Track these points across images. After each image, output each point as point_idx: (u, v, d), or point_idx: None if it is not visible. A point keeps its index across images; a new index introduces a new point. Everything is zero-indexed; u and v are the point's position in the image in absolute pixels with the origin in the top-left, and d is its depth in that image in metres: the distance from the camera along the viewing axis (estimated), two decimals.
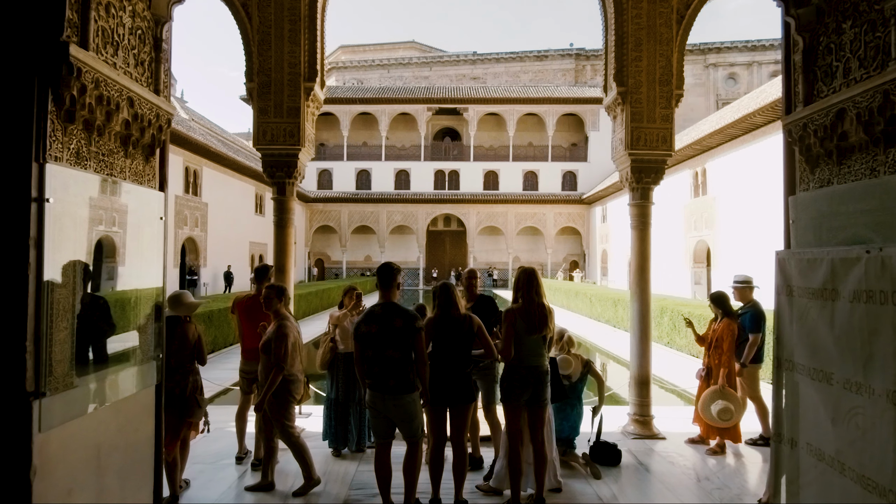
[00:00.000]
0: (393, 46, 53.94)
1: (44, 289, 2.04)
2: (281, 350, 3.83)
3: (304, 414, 6.19)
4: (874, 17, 2.56)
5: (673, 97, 5.60)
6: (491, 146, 37.35)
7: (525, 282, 3.70)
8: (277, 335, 3.87)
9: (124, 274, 2.72)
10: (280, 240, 5.66)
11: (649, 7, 5.49)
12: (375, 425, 3.58)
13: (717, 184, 18.65)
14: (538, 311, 3.64)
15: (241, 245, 25.41)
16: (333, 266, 36.67)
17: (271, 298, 4.01)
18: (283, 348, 3.83)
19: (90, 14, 2.36)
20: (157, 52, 3.00)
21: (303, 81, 5.49)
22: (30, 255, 2.00)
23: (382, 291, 3.56)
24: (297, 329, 4.08)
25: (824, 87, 2.94)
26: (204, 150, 20.25)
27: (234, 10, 5.39)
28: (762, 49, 40.83)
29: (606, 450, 4.69)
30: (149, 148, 2.97)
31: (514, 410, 3.66)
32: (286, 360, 3.85)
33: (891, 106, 2.39)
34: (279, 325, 3.92)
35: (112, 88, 2.49)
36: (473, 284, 4.74)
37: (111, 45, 2.57)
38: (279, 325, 3.92)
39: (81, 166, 2.39)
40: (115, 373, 2.59)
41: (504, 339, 3.63)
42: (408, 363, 3.43)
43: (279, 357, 3.82)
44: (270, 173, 5.64)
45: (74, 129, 2.34)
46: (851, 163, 2.73)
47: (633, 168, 5.70)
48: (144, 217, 2.86)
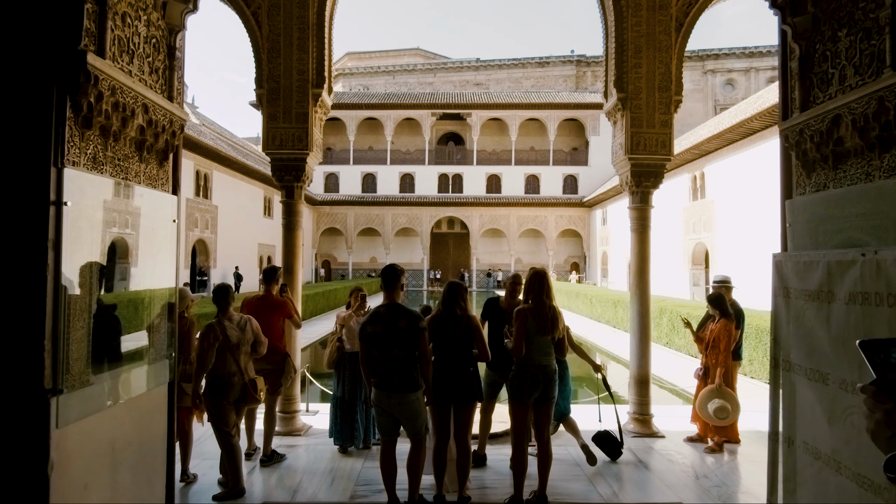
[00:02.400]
0: (398, 53, 54.04)
1: (61, 289, 2.07)
2: (198, 350, 3.81)
3: (311, 412, 6.21)
4: (869, 25, 2.56)
5: (672, 103, 5.60)
6: (494, 150, 37.35)
7: (536, 284, 3.69)
8: (200, 335, 3.86)
9: (138, 275, 2.74)
10: (288, 241, 5.68)
11: (649, 15, 5.50)
12: (380, 423, 3.59)
13: (715, 187, 18.59)
14: (549, 312, 3.64)
15: (249, 247, 25.48)
16: (340, 267, 36.71)
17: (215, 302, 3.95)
18: (200, 348, 3.79)
19: (107, 24, 2.39)
20: (170, 59, 3.03)
21: (311, 88, 5.51)
22: (48, 257, 2.02)
23: (387, 293, 3.57)
24: (234, 328, 3.90)
25: (820, 93, 2.94)
26: (214, 155, 20.33)
27: (245, 18, 5.43)
28: (759, 56, 40.69)
29: (610, 441, 4.66)
30: (162, 153, 2.99)
31: (522, 408, 3.65)
32: (198, 359, 3.78)
33: (885, 112, 2.39)
34: (206, 325, 3.87)
35: (128, 95, 2.52)
36: (517, 290, 4.51)
37: (127, 54, 2.60)
38: (205, 326, 3.86)
39: (98, 171, 2.42)
40: (129, 371, 2.61)
41: (516, 338, 3.63)
42: (412, 362, 3.43)
43: (196, 356, 3.82)
44: (279, 177, 5.67)
45: (91, 135, 2.36)
46: (847, 167, 2.73)
47: (633, 172, 5.70)
48: (158, 220, 2.89)
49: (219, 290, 3.95)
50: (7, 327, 1.99)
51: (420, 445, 3.55)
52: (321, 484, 4.14)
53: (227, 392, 3.83)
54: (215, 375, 3.82)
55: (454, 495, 3.70)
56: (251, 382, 3.94)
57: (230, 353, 3.84)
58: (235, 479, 3.86)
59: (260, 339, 4.04)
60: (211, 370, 3.80)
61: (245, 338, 3.93)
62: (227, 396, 3.83)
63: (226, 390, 3.83)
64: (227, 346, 3.82)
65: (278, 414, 5.10)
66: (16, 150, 2.05)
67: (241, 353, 3.89)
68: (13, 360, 1.99)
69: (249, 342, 3.97)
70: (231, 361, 3.84)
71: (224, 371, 3.82)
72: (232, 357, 3.84)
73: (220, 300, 3.92)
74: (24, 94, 2.07)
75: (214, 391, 3.82)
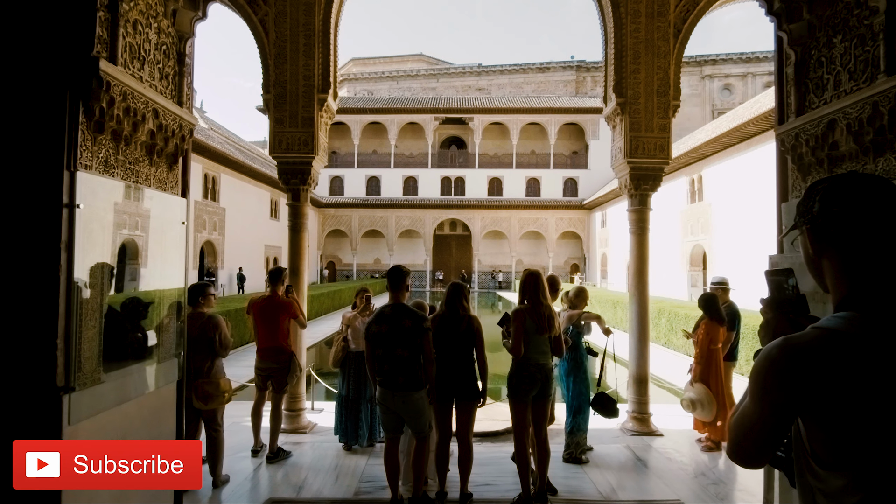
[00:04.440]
0: (402, 59, 54.09)
1: (73, 289, 2.08)
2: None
3: (317, 410, 6.21)
4: (863, 31, 2.56)
5: (670, 107, 5.60)
6: (495, 154, 37.37)
7: (532, 284, 3.70)
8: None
9: (148, 275, 2.75)
10: (294, 243, 5.70)
11: (647, 22, 5.50)
12: (385, 421, 3.59)
13: (712, 190, 18.56)
14: (545, 311, 3.65)
15: (256, 248, 25.53)
16: (344, 268, 36.74)
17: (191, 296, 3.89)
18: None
19: (119, 31, 2.41)
20: (180, 66, 3.04)
21: (316, 93, 5.53)
22: (61, 258, 2.04)
23: (392, 293, 3.58)
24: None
25: (815, 98, 2.94)
26: (222, 158, 20.39)
27: (252, 25, 5.45)
28: (756, 61, 40.60)
29: (606, 402, 4.56)
30: (172, 156, 3.01)
31: (521, 406, 3.65)
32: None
33: (880, 117, 2.39)
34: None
35: (139, 101, 2.53)
36: (554, 291, 4.29)
37: (138, 60, 2.61)
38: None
39: (109, 174, 2.43)
40: (139, 369, 2.62)
41: (514, 338, 3.63)
42: (416, 361, 3.44)
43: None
44: (285, 180, 5.68)
45: (103, 139, 2.37)
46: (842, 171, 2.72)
47: (632, 175, 5.70)
48: (167, 221, 2.90)
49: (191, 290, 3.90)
50: (21, 326, 2.00)
51: (424, 443, 3.55)
52: (326, 480, 4.14)
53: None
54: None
55: (457, 491, 3.70)
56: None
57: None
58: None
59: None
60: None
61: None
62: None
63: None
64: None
65: (284, 412, 5.11)
66: (30, 153, 2.07)
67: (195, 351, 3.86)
68: (27, 358, 2.00)
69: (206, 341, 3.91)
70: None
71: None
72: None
73: (196, 297, 3.95)
74: (38, 99, 2.09)
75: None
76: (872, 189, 0.96)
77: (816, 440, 0.91)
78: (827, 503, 0.91)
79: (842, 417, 0.87)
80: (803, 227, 1.05)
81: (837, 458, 0.88)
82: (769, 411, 0.94)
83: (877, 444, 0.84)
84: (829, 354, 0.88)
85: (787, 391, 0.91)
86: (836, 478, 0.88)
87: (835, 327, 0.92)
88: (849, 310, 0.94)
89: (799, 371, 0.89)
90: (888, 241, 0.95)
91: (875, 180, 0.98)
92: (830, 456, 0.89)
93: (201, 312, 3.94)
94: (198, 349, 3.81)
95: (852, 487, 0.86)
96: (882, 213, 0.94)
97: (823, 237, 1.00)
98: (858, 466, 0.86)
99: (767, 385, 0.93)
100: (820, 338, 0.91)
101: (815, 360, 0.89)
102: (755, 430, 0.97)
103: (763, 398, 0.94)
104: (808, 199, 1.04)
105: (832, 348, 0.89)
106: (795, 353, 0.91)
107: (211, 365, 3.91)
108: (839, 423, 0.87)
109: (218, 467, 3.96)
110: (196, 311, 3.92)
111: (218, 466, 3.96)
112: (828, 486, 0.90)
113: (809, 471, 0.94)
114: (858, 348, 0.88)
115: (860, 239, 0.96)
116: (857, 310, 0.93)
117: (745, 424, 0.99)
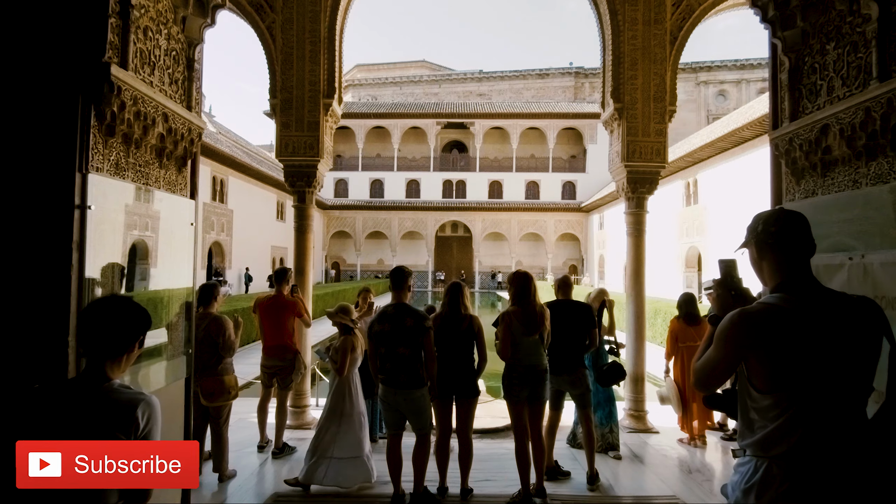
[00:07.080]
0: (405, 65, 54.14)
1: (85, 288, 2.08)
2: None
3: (321, 406, 6.19)
4: (856, 38, 2.55)
5: (666, 113, 5.59)
6: (496, 158, 37.36)
7: (521, 286, 3.67)
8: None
9: (157, 275, 2.75)
10: (300, 244, 5.69)
11: (644, 29, 5.50)
12: (387, 418, 3.59)
13: (707, 194, 18.53)
14: (534, 309, 3.63)
15: (263, 249, 25.55)
16: (349, 269, 36.76)
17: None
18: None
19: (130, 37, 2.40)
20: (189, 71, 3.04)
21: (322, 98, 5.53)
22: (72, 258, 2.04)
23: (395, 293, 3.57)
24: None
25: (809, 104, 2.93)
26: (230, 161, 20.42)
27: (260, 32, 5.46)
28: (750, 67, 40.54)
29: (614, 369, 4.41)
30: (181, 159, 3.00)
31: (516, 407, 3.64)
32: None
33: (872, 122, 2.38)
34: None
35: (149, 105, 2.53)
36: (567, 291, 4.31)
37: (148, 66, 2.61)
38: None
39: (120, 176, 2.43)
40: (148, 366, 2.62)
41: (501, 342, 3.62)
42: (418, 360, 3.43)
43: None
44: (292, 182, 5.69)
45: (114, 142, 2.37)
46: (835, 175, 2.72)
47: (629, 179, 5.69)
48: (176, 223, 2.90)
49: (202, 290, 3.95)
50: (33, 324, 2.00)
51: (425, 439, 3.54)
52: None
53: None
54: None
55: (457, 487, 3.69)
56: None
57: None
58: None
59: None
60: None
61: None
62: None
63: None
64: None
65: (289, 408, 5.11)
66: (43, 156, 2.07)
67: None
68: (39, 355, 2.00)
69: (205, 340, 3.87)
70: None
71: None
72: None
73: (207, 298, 3.98)
74: (51, 103, 2.09)
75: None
76: (794, 219, 1.47)
77: (756, 375, 1.37)
78: (758, 417, 1.37)
79: (777, 359, 1.33)
80: (751, 241, 1.52)
81: (768, 386, 1.35)
82: (731, 356, 1.41)
83: (796, 375, 1.32)
84: (772, 319, 1.36)
85: (743, 343, 1.38)
86: (766, 398, 1.35)
87: (774, 303, 1.39)
88: (781, 292, 1.41)
89: (752, 330, 1.37)
90: (803, 251, 1.44)
91: (795, 213, 1.49)
92: (764, 385, 1.36)
93: (208, 313, 3.95)
94: (203, 348, 3.81)
95: (775, 405, 1.34)
96: (799, 233, 1.45)
97: (763, 248, 1.48)
98: (782, 390, 1.33)
99: (730, 338, 1.39)
100: (765, 310, 1.39)
101: (763, 323, 1.36)
102: (718, 367, 1.44)
103: (725, 347, 1.40)
104: (756, 224, 1.51)
105: (773, 316, 1.37)
106: (750, 318, 1.38)
107: (217, 362, 3.91)
108: (775, 362, 1.34)
109: (223, 462, 3.96)
110: (205, 311, 3.92)
111: (223, 461, 3.96)
112: (759, 405, 1.37)
113: (748, 395, 1.40)
114: (789, 316, 1.35)
115: (787, 248, 1.44)
116: (787, 293, 1.41)
117: (709, 365, 1.46)
